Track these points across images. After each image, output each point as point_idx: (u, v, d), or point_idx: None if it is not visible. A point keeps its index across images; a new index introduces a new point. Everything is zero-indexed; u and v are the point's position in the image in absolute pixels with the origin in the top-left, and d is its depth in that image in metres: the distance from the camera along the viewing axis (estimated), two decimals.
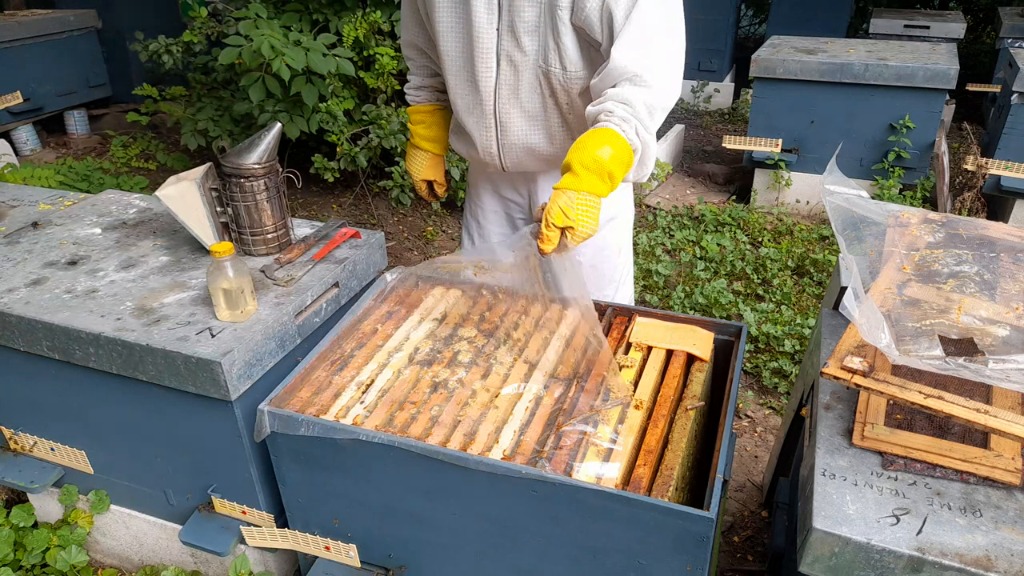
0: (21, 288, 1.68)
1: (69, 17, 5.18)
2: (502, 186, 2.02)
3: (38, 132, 5.17)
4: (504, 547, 1.39)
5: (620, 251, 2.04)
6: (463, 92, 1.76)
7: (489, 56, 1.66)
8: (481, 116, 1.76)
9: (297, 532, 1.59)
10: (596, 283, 2.07)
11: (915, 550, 1.10)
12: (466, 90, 1.75)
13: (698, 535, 1.17)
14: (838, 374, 1.25)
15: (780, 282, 3.51)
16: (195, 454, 1.64)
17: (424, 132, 2.02)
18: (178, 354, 1.45)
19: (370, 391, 1.50)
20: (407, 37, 1.92)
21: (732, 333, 1.63)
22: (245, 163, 1.69)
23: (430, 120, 2.01)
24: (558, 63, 1.62)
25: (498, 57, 1.66)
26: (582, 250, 1.95)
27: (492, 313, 1.74)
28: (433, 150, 2.05)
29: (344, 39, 3.76)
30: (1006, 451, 1.24)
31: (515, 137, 1.77)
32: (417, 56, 1.95)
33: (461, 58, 1.71)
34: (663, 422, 1.39)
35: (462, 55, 1.70)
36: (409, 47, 1.94)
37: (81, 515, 1.91)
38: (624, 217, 2.01)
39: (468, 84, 1.74)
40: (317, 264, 1.77)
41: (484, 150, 1.82)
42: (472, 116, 1.78)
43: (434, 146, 2.04)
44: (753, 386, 2.88)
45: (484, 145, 1.81)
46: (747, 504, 2.31)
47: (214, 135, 4.07)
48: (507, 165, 1.85)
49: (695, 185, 4.85)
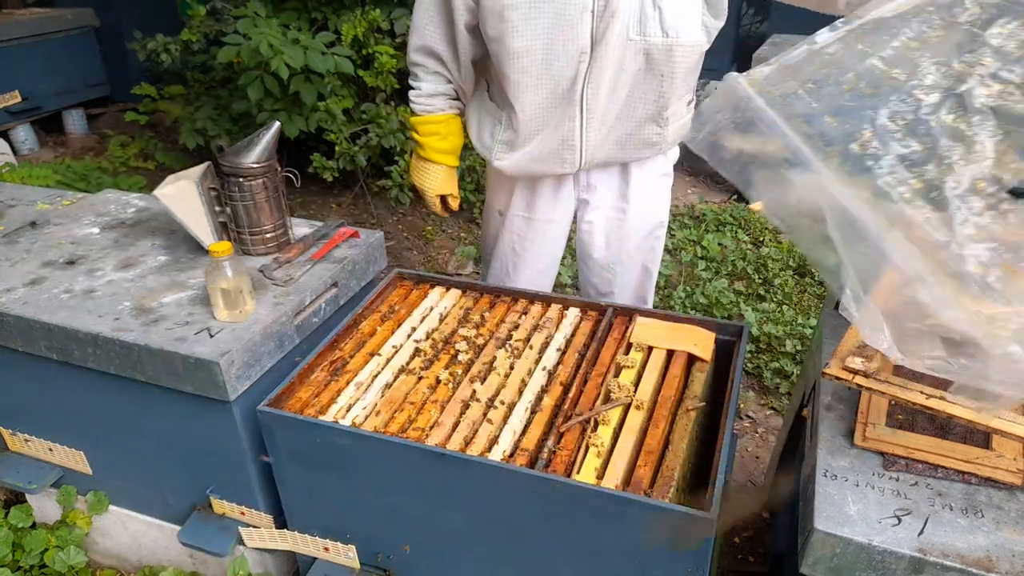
0: (19, 288, 1.68)
1: (67, 16, 5.16)
2: (545, 197, 1.96)
3: (36, 131, 5.16)
4: (504, 547, 1.38)
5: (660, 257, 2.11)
6: (543, 89, 1.69)
7: (583, 41, 1.61)
8: (567, 107, 1.70)
9: (296, 533, 1.59)
10: (647, 286, 2.13)
11: (916, 551, 1.10)
12: (547, 86, 1.69)
13: (698, 536, 1.17)
14: (839, 374, 1.25)
15: (781, 282, 3.50)
16: (194, 455, 1.63)
17: (439, 144, 1.92)
18: (176, 354, 1.44)
19: (369, 392, 1.49)
20: (422, 42, 1.81)
21: (733, 333, 1.63)
22: (244, 162, 1.69)
23: (445, 131, 1.92)
24: (658, 31, 1.61)
25: (593, 41, 1.61)
26: (633, 254, 2.03)
27: (492, 313, 1.73)
28: (447, 162, 1.96)
29: (343, 38, 3.75)
30: (1008, 452, 1.24)
31: (601, 123, 1.73)
32: (431, 62, 1.84)
33: (544, 53, 1.64)
34: (664, 423, 1.39)
35: (545, 48, 1.63)
36: (422, 52, 1.83)
37: (80, 516, 1.90)
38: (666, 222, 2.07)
39: (550, 79, 1.67)
40: (316, 264, 1.77)
41: (564, 144, 1.76)
42: (554, 111, 1.72)
43: (449, 158, 1.96)
44: (754, 386, 2.87)
45: (565, 138, 1.75)
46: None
47: (212, 134, 4.06)
48: (586, 159, 1.80)
49: (696, 185, 4.84)
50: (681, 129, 1.85)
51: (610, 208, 1.98)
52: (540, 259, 2.08)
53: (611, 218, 2.00)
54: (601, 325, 1.65)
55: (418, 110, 1.91)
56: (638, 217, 1.99)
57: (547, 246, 2.06)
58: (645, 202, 1.98)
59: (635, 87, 1.71)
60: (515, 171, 1.86)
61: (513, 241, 2.06)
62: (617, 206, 1.98)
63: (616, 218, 1.99)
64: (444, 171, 1.97)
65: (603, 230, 2.01)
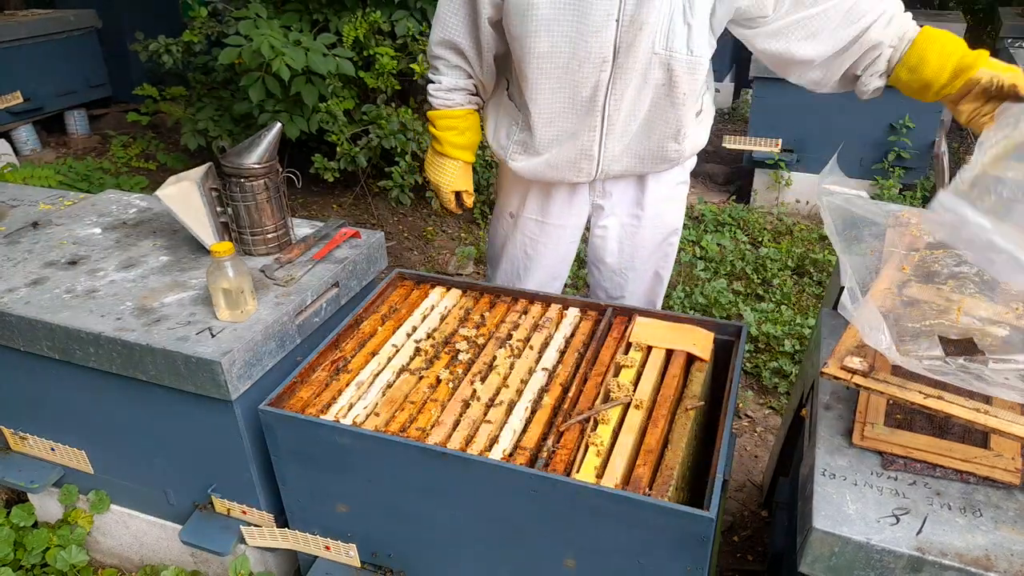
0: (21, 288, 1.68)
1: (69, 17, 5.17)
2: (560, 202, 1.95)
3: (38, 132, 5.17)
4: (504, 547, 1.39)
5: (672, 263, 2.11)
6: (562, 94, 1.67)
7: (606, 50, 1.58)
8: (587, 117, 1.69)
9: (297, 532, 1.59)
10: (658, 291, 2.12)
11: (915, 550, 1.10)
12: (567, 92, 1.66)
13: (698, 535, 1.17)
14: (838, 374, 1.25)
15: (780, 282, 3.51)
16: (195, 454, 1.64)
17: (456, 139, 1.89)
18: (178, 354, 1.45)
19: (370, 391, 1.50)
20: (444, 35, 1.77)
21: (732, 333, 1.63)
22: (245, 163, 1.69)
23: (463, 126, 1.88)
24: (684, 47, 1.59)
25: (616, 50, 1.59)
26: (646, 260, 2.03)
27: (492, 313, 1.74)
28: (464, 158, 1.93)
29: (344, 39, 3.76)
30: (1006, 451, 1.24)
31: (621, 136, 1.72)
32: (453, 56, 1.80)
33: (566, 57, 1.61)
34: (663, 422, 1.39)
35: (567, 53, 1.60)
36: (444, 46, 1.79)
37: (81, 515, 1.91)
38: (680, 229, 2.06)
39: (570, 85, 1.65)
40: (317, 264, 1.77)
41: (582, 154, 1.75)
42: (572, 118, 1.70)
43: (466, 153, 1.92)
44: (753, 386, 2.88)
45: (583, 148, 1.74)
46: (747, 504, 2.31)
47: (214, 135, 4.07)
48: (603, 169, 1.79)
49: (695, 185, 4.85)
50: (697, 141, 1.84)
51: (625, 214, 1.96)
52: (551, 262, 2.06)
53: (626, 224, 1.98)
54: (600, 325, 1.65)
55: (436, 104, 1.87)
56: (653, 224, 1.97)
57: (560, 250, 2.04)
58: (660, 209, 1.96)
59: (657, 102, 1.69)
60: (530, 175, 1.84)
61: (525, 244, 2.04)
62: (632, 212, 1.96)
63: (631, 224, 1.97)
64: (460, 167, 1.94)
65: (617, 236, 2.00)
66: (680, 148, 1.79)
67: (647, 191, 1.92)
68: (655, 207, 1.95)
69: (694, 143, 1.84)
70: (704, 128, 1.85)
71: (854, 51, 1.59)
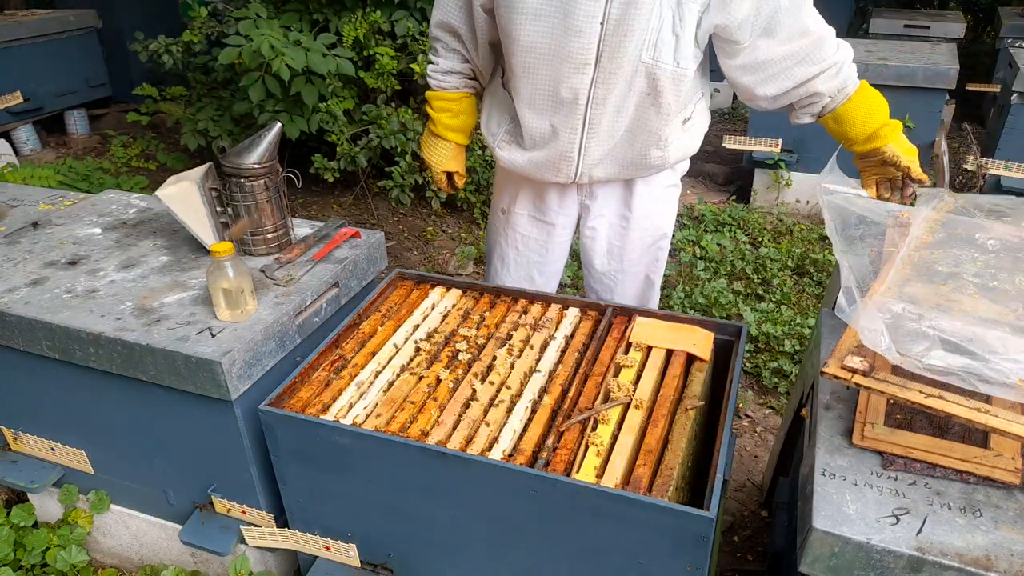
0: (21, 288, 1.68)
1: (69, 17, 5.18)
2: (549, 200, 1.95)
3: (38, 132, 5.17)
4: (504, 547, 1.39)
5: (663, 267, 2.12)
6: (544, 91, 1.67)
7: (588, 52, 1.58)
8: (568, 118, 1.68)
9: (297, 532, 1.59)
10: (649, 295, 2.12)
11: (915, 550, 1.10)
12: (549, 89, 1.66)
13: (698, 535, 1.17)
14: (838, 374, 1.25)
15: (780, 282, 3.51)
16: (195, 454, 1.64)
17: (449, 121, 1.90)
18: (178, 354, 1.45)
19: (370, 391, 1.50)
20: (442, 17, 1.79)
21: (732, 333, 1.63)
22: (245, 163, 1.69)
23: (457, 108, 1.90)
24: (671, 58, 1.59)
25: (599, 53, 1.58)
26: (635, 263, 2.03)
27: (492, 313, 1.74)
28: (457, 140, 1.94)
29: (344, 39, 3.76)
30: (1006, 451, 1.24)
31: (603, 141, 1.71)
32: (450, 39, 1.81)
33: (548, 54, 1.61)
34: (663, 422, 1.39)
35: (550, 50, 1.60)
36: (442, 28, 1.81)
37: (81, 515, 1.91)
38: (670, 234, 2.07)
39: (552, 83, 1.64)
40: (317, 264, 1.77)
41: (561, 155, 1.75)
42: (554, 117, 1.70)
43: (459, 136, 1.94)
44: (753, 386, 2.88)
45: (563, 150, 1.73)
46: (747, 504, 2.31)
47: (214, 135, 4.07)
48: (582, 172, 1.78)
49: (695, 185, 4.85)
50: (684, 148, 1.83)
51: (613, 216, 1.96)
52: (542, 260, 2.07)
53: (613, 226, 1.97)
54: (600, 325, 1.65)
55: (433, 85, 1.90)
56: (641, 227, 1.97)
57: (550, 247, 2.05)
58: (649, 212, 1.95)
59: (642, 110, 1.69)
60: (513, 168, 1.86)
61: (516, 240, 2.05)
62: (620, 214, 1.95)
63: (619, 226, 1.97)
64: (452, 148, 1.96)
65: (605, 237, 2.00)
66: (664, 155, 1.78)
67: (635, 194, 1.92)
68: (643, 209, 1.94)
69: (680, 150, 1.83)
70: (693, 135, 1.84)
71: (799, 92, 1.69)
